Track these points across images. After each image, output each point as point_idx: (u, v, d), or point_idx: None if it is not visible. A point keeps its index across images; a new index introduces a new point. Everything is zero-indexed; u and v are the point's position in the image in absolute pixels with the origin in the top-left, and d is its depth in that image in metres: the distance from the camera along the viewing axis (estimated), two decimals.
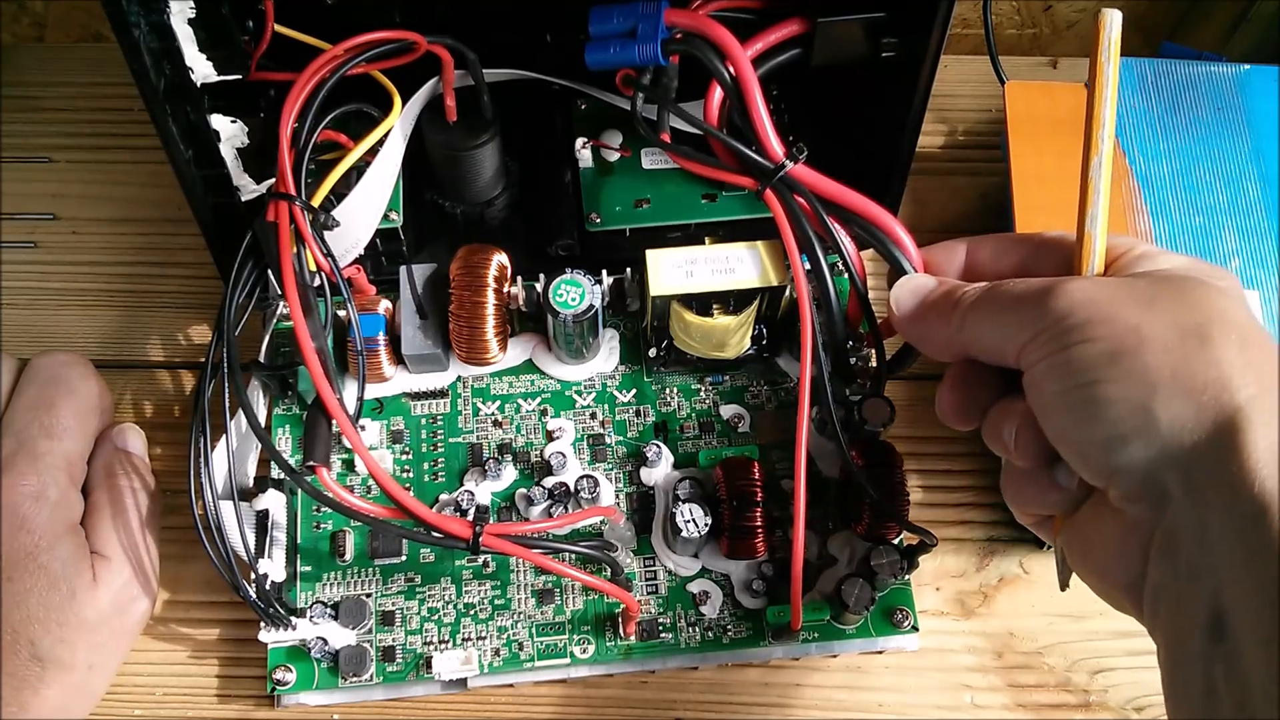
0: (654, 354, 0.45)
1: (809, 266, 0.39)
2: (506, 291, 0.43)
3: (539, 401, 0.46)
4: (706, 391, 0.46)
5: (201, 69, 0.40)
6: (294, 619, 0.39)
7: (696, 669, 0.43)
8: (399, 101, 0.42)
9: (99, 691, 0.40)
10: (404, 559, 0.43)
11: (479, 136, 0.44)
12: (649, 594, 0.43)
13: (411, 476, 0.44)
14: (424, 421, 0.45)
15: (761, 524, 0.41)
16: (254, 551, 0.40)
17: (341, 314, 0.42)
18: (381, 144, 0.42)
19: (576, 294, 0.41)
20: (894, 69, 0.41)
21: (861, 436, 0.42)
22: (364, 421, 0.45)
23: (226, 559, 0.38)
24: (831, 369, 0.41)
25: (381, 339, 0.43)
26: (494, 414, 0.46)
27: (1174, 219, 0.47)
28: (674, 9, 0.40)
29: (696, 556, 0.43)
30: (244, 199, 0.43)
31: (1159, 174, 0.48)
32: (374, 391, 0.45)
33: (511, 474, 0.44)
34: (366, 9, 0.42)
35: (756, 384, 0.47)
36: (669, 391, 0.46)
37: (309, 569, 0.43)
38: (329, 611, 0.40)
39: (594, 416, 0.46)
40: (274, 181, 0.40)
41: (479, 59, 0.42)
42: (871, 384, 0.43)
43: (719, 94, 0.41)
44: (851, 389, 0.43)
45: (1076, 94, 0.49)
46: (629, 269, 0.45)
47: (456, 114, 0.44)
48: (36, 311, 0.50)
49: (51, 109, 0.54)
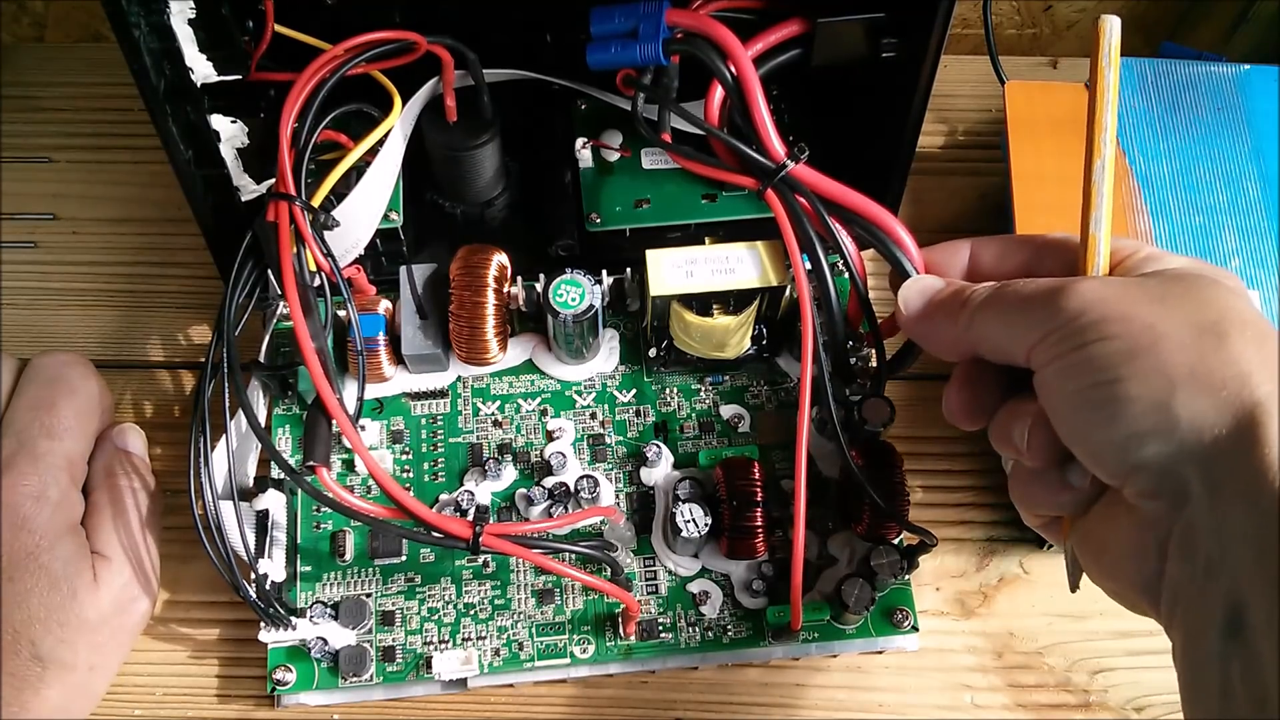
0: (654, 354, 0.45)
1: (810, 266, 0.39)
2: (506, 291, 0.43)
3: (539, 401, 0.46)
4: (706, 391, 0.46)
5: (201, 69, 0.40)
6: (294, 619, 0.39)
7: (696, 669, 0.43)
8: (399, 101, 0.42)
9: (100, 691, 0.40)
10: (404, 559, 0.43)
11: (479, 136, 0.44)
12: (649, 594, 0.43)
13: (411, 476, 0.44)
14: (424, 421, 0.45)
15: (761, 524, 0.41)
16: (254, 551, 0.40)
17: (341, 314, 0.42)
18: (381, 144, 0.42)
19: (576, 294, 0.41)
20: (894, 69, 0.41)
21: (861, 436, 0.42)
22: (364, 421, 0.45)
23: (226, 559, 0.38)
24: (832, 369, 0.41)
25: (381, 339, 0.43)
26: (494, 414, 0.46)
27: (1174, 219, 0.47)
28: (675, 9, 0.40)
29: (696, 556, 0.43)
30: (244, 199, 0.43)
31: (1159, 174, 0.48)
32: (374, 391, 0.45)
33: (511, 474, 0.44)
34: (366, 9, 0.42)
35: (756, 384, 0.47)
36: (669, 391, 0.46)
37: (309, 569, 0.43)
38: (329, 611, 0.40)
39: (594, 416, 0.46)
40: (274, 181, 0.40)
41: (479, 59, 0.42)
42: (871, 384, 0.43)
43: (720, 94, 0.41)
44: (851, 389, 0.43)
45: (1076, 94, 0.49)
46: (629, 269, 0.45)
47: (456, 114, 0.44)
48: (36, 311, 0.50)
49: (51, 109, 0.54)
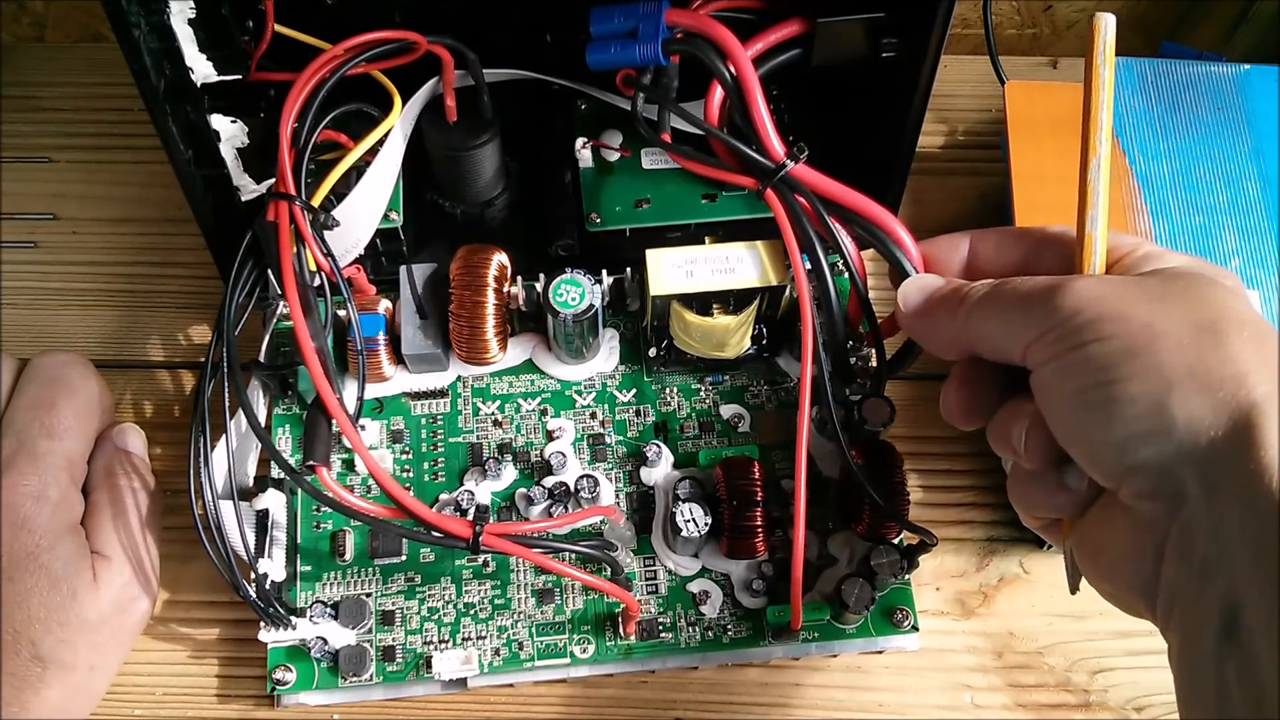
0: (654, 354, 0.45)
1: (809, 266, 0.39)
2: (506, 291, 0.43)
3: (539, 401, 0.46)
4: (706, 391, 0.46)
5: (201, 69, 0.40)
6: (294, 619, 0.39)
7: (696, 669, 0.43)
8: (399, 101, 0.42)
9: (100, 691, 0.40)
10: (404, 559, 0.43)
11: (479, 136, 0.44)
12: (649, 594, 0.43)
13: (411, 476, 0.44)
14: (424, 421, 0.45)
15: (761, 524, 0.41)
16: (254, 551, 0.40)
17: (341, 314, 0.42)
18: (381, 144, 0.42)
19: (576, 294, 0.41)
20: (894, 69, 0.41)
21: (861, 436, 0.42)
22: (364, 421, 0.45)
23: (226, 559, 0.38)
24: (831, 369, 0.41)
25: (381, 339, 0.43)
26: (494, 414, 0.46)
27: (1174, 219, 0.47)
28: (675, 9, 0.40)
29: (696, 556, 0.43)
30: (244, 199, 0.43)
31: (1159, 174, 0.48)
32: (374, 391, 0.45)
33: (511, 474, 0.44)
34: (366, 9, 0.42)
35: (756, 384, 0.47)
36: (669, 391, 0.46)
37: (309, 569, 0.43)
38: (329, 611, 0.40)
39: (594, 416, 0.46)
40: (274, 181, 0.40)
41: (479, 59, 0.42)
42: (871, 384, 0.43)
43: (719, 94, 0.41)
44: (851, 389, 0.43)
45: (1076, 94, 0.48)
46: (629, 269, 0.45)
47: (456, 114, 0.44)
48: (36, 311, 0.50)
49: (51, 109, 0.54)
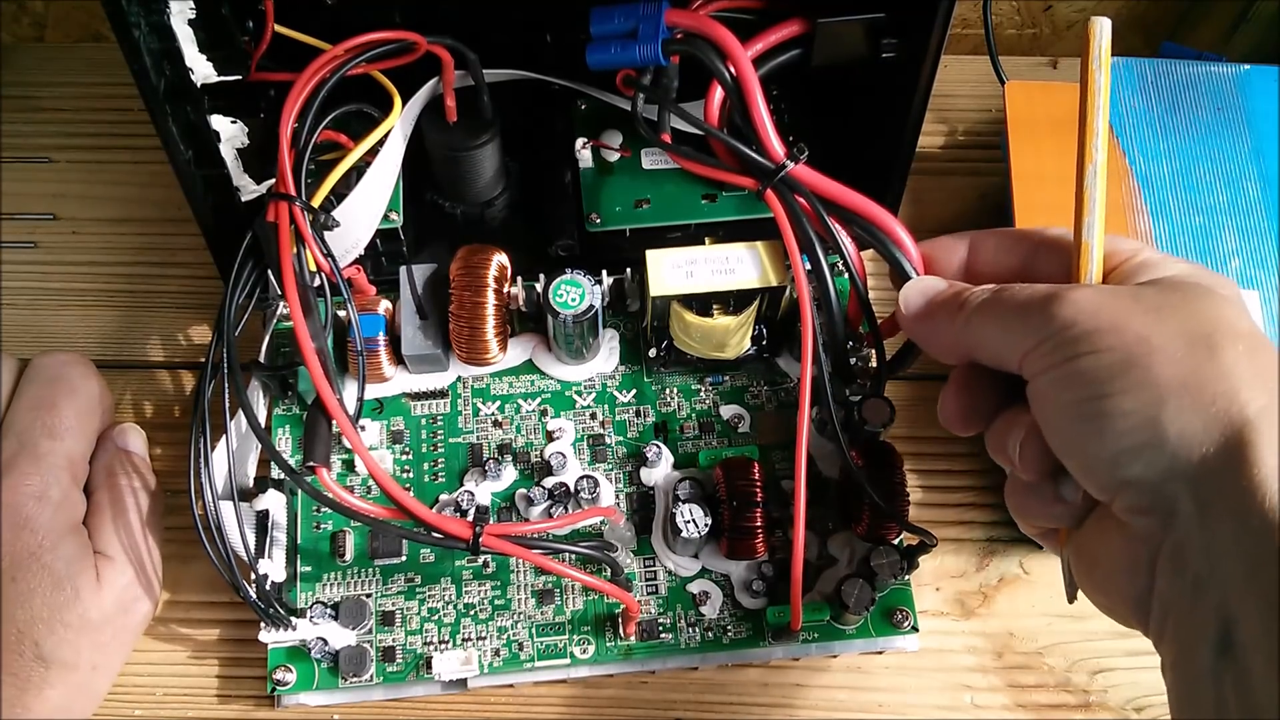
0: (654, 354, 0.45)
1: (809, 266, 0.39)
2: (506, 291, 0.43)
3: (539, 402, 0.46)
4: (706, 392, 0.46)
5: (201, 69, 0.40)
6: (294, 619, 0.39)
7: (696, 669, 0.43)
8: (399, 102, 0.42)
9: (102, 691, 0.40)
10: (404, 559, 0.43)
11: (479, 136, 0.44)
12: (649, 594, 0.43)
13: (411, 477, 0.44)
14: (424, 422, 0.45)
15: (761, 524, 0.41)
16: (254, 551, 0.40)
17: (341, 314, 0.42)
18: (381, 144, 0.42)
19: (576, 294, 0.41)
20: (894, 69, 0.41)
21: (861, 437, 0.42)
22: (364, 421, 0.45)
23: (226, 559, 0.38)
24: (831, 369, 0.41)
25: (381, 339, 0.43)
26: (494, 414, 0.46)
27: (1174, 219, 0.47)
28: (675, 9, 0.40)
29: (696, 557, 0.43)
30: (244, 199, 0.43)
31: (1159, 174, 0.48)
32: (374, 391, 0.45)
33: (511, 474, 0.44)
34: (366, 9, 0.42)
35: (756, 384, 0.47)
36: (669, 392, 0.46)
37: (309, 569, 0.43)
38: (329, 612, 0.40)
39: (594, 417, 0.46)
40: (274, 182, 0.40)
41: (479, 59, 0.42)
42: (871, 384, 0.43)
43: (719, 94, 0.41)
44: (851, 389, 0.43)
45: (1076, 94, 0.49)
46: (629, 269, 0.45)
47: (456, 114, 0.44)
48: (36, 311, 0.50)
49: (51, 109, 0.54)
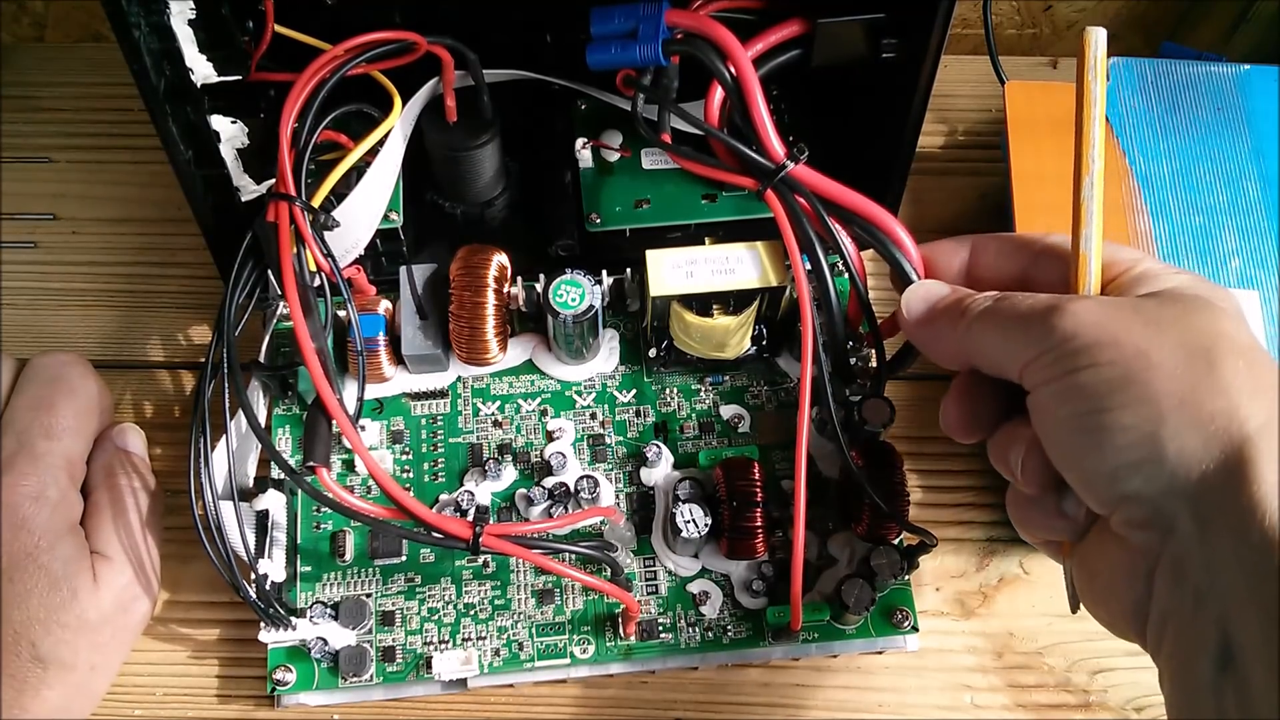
0: (654, 354, 0.45)
1: (809, 267, 0.39)
2: (506, 291, 0.43)
3: (539, 402, 0.46)
4: (706, 392, 0.46)
5: (201, 69, 0.40)
6: (294, 619, 0.39)
7: (696, 669, 0.43)
8: (399, 102, 0.42)
9: (100, 692, 0.40)
10: (404, 559, 0.43)
11: (479, 136, 0.44)
12: (649, 594, 0.43)
13: (411, 476, 0.44)
14: (424, 422, 0.45)
15: (761, 524, 0.41)
16: (254, 551, 0.40)
17: (341, 314, 0.42)
18: (381, 144, 0.42)
19: (576, 294, 0.41)
20: (894, 69, 0.41)
21: (861, 436, 0.42)
22: (364, 421, 0.45)
23: (226, 559, 0.38)
24: (831, 369, 0.41)
25: (381, 339, 0.43)
26: (494, 414, 0.46)
27: (1174, 219, 0.47)
28: (675, 9, 0.40)
29: (696, 557, 0.43)
30: (244, 199, 0.43)
31: (1159, 174, 0.48)
32: (374, 391, 0.45)
33: (511, 474, 0.44)
34: (366, 9, 0.42)
35: (756, 384, 0.47)
36: (669, 392, 0.46)
37: (309, 569, 0.43)
38: (329, 611, 0.40)
39: (594, 417, 0.46)
40: (274, 182, 0.40)
41: (479, 59, 0.42)
42: (871, 384, 0.43)
43: (720, 94, 0.41)
44: (851, 389, 0.43)
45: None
46: (629, 269, 0.45)
47: (456, 114, 0.44)
48: (36, 311, 0.50)
49: (51, 109, 0.54)
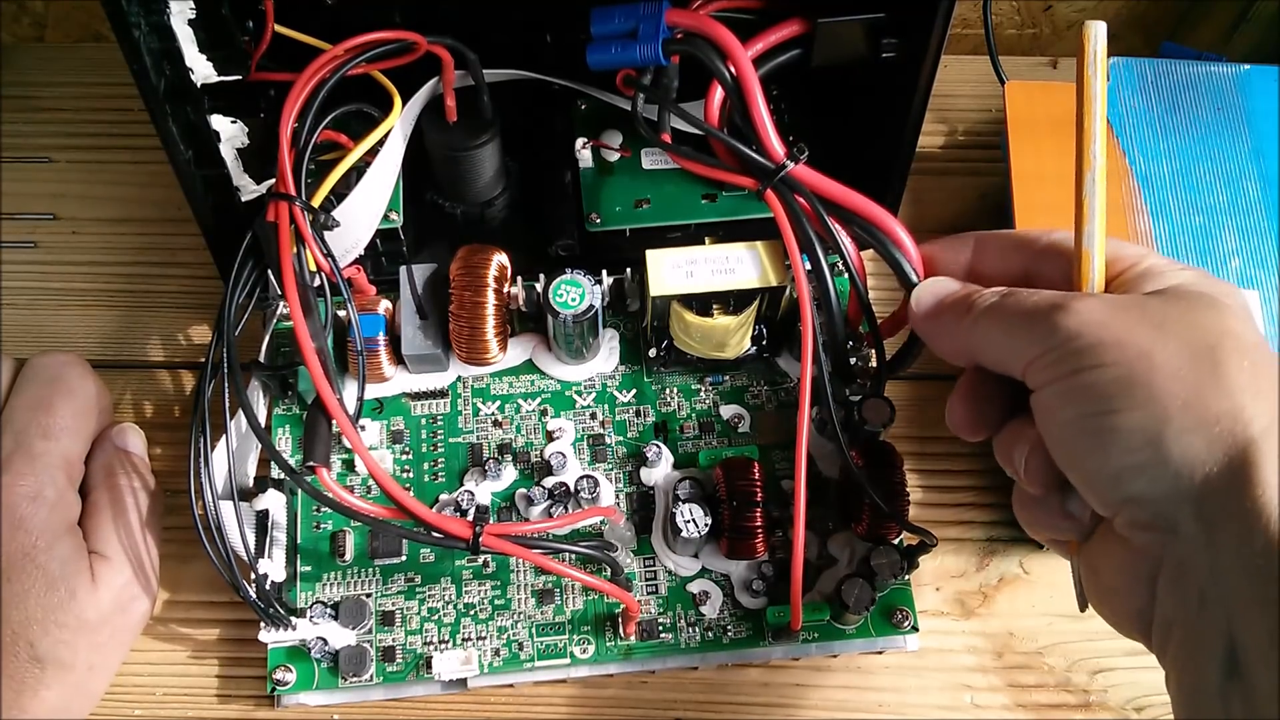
0: (654, 354, 0.45)
1: (809, 266, 0.39)
2: (506, 291, 0.43)
3: (539, 401, 0.46)
4: (706, 391, 0.46)
5: (201, 69, 0.40)
6: (294, 619, 0.39)
7: (696, 669, 0.43)
8: (399, 101, 0.42)
9: (99, 692, 0.40)
10: (404, 559, 0.43)
11: (479, 136, 0.44)
12: (649, 594, 0.43)
13: (411, 476, 0.44)
14: (424, 421, 0.45)
15: (761, 524, 0.41)
16: (254, 551, 0.40)
17: (341, 314, 0.42)
18: (381, 144, 0.42)
19: (576, 294, 0.41)
20: (894, 69, 0.41)
21: (861, 436, 0.42)
22: (364, 421, 0.45)
23: (226, 559, 0.38)
24: (831, 369, 0.41)
25: (381, 339, 0.43)
26: (494, 414, 0.45)
27: (1174, 219, 0.47)
28: (675, 9, 0.40)
29: (696, 556, 0.43)
30: (244, 199, 0.43)
31: (1159, 174, 0.48)
32: (374, 391, 0.45)
33: (511, 474, 0.44)
34: (366, 9, 0.42)
35: (756, 384, 0.47)
36: (669, 391, 0.46)
37: (309, 569, 0.43)
38: (329, 611, 0.40)
39: (594, 416, 0.46)
40: (274, 181, 0.40)
41: (479, 59, 0.42)
42: (871, 384, 0.43)
43: (720, 94, 0.41)
44: (851, 389, 0.43)
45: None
46: (629, 269, 0.45)
47: (456, 114, 0.44)
48: (36, 311, 0.50)
49: (51, 109, 0.54)
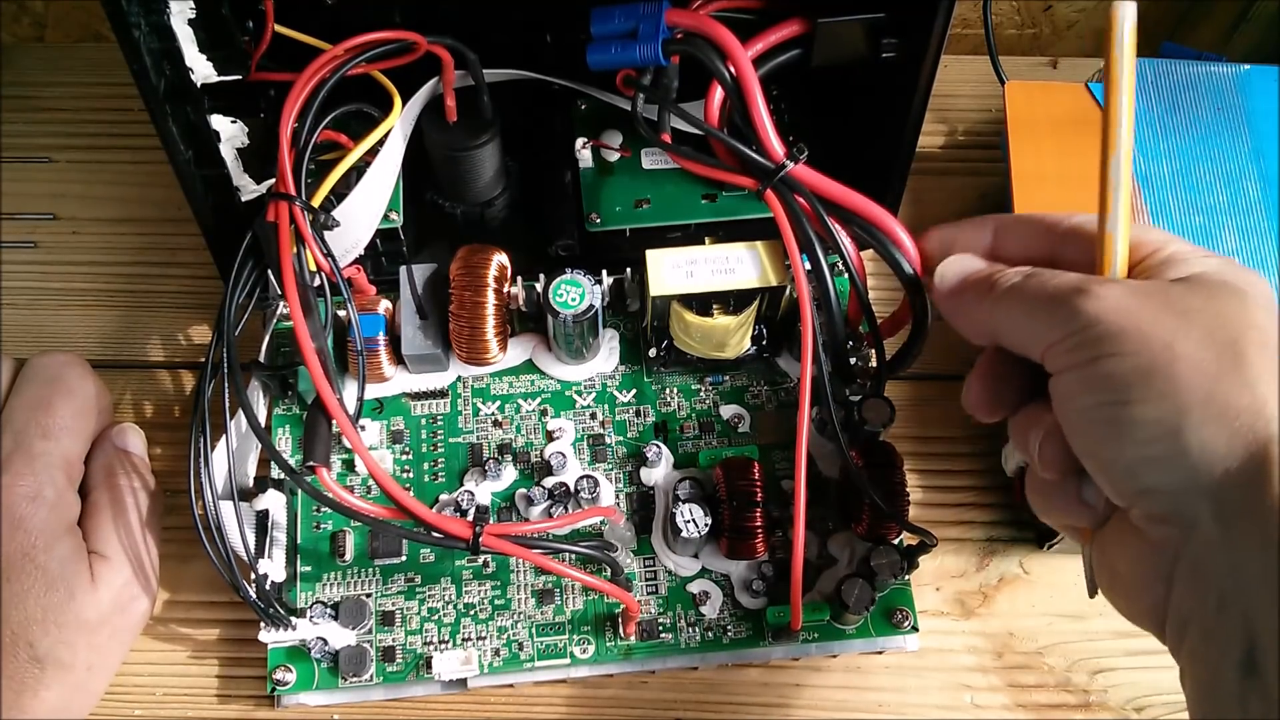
0: (654, 354, 0.45)
1: (809, 266, 0.39)
2: (506, 291, 0.43)
3: (539, 401, 0.46)
4: (706, 391, 0.46)
5: (201, 69, 0.40)
6: (294, 619, 0.39)
7: (696, 669, 0.43)
8: (399, 101, 0.42)
9: (98, 691, 0.40)
10: (404, 559, 0.43)
11: (479, 136, 0.44)
12: (649, 594, 0.43)
13: (411, 476, 0.44)
14: (424, 421, 0.45)
15: (761, 524, 0.41)
16: (254, 551, 0.40)
17: (341, 314, 0.42)
18: (381, 144, 0.42)
19: (576, 294, 0.41)
20: (894, 69, 0.41)
21: (861, 436, 0.42)
22: (364, 421, 0.45)
23: (226, 559, 0.38)
24: (831, 369, 0.41)
25: (381, 339, 0.43)
26: (494, 414, 0.45)
27: (1174, 219, 0.47)
28: (675, 9, 0.40)
29: (696, 556, 0.43)
30: (244, 199, 0.43)
31: (1159, 174, 0.48)
32: (374, 391, 0.45)
33: (511, 474, 0.44)
34: (366, 9, 0.42)
35: (756, 384, 0.47)
36: (669, 391, 0.46)
37: (309, 569, 0.43)
38: (329, 611, 0.40)
39: (594, 416, 0.46)
40: (274, 181, 0.40)
41: (479, 59, 0.42)
42: (871, 384, 0.43)
43: (719, 94, 0.41)
44: (851, 389, 0.43)
45: (1076, 94, 0.49)
46: (629, 269, 0.45)
47: (456, 114, 0.44)
48: (36, 311, 0.50)
49: (51, 109, 0.54)
